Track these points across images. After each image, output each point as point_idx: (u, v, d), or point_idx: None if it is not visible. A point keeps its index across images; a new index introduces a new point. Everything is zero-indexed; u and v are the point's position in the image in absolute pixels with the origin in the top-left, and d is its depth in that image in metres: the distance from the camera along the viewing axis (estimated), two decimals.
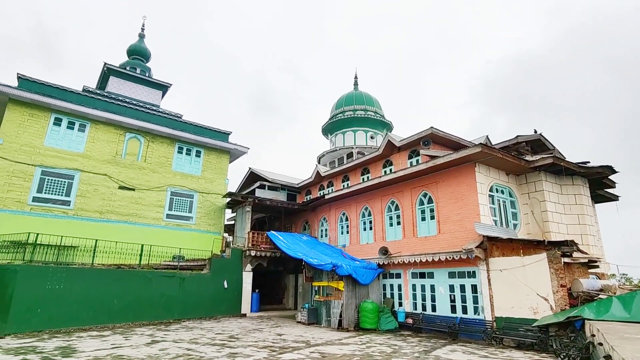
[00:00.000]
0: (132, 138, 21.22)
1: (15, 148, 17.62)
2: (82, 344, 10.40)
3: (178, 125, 22.87)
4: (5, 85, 17.57)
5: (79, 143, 19.50)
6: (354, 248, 19.17)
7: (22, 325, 11.91)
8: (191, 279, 17.12)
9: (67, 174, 18.76)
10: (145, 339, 11.43)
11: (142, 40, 31.06)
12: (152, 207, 20.85)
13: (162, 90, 28.34)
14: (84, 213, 18.76)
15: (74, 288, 13.48)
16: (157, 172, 21.52)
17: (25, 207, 17.36)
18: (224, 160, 24.31)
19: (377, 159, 20.59)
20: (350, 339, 12.62)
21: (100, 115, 19.93)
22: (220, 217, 23.16)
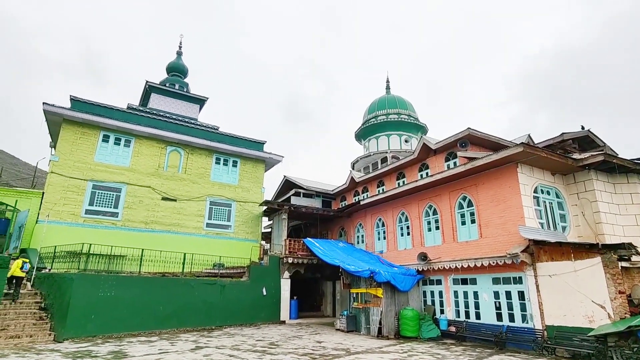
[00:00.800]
0: (173, 151, 22.19)
1: (69, 164, 18.94)
2: (132, 349, 10.89)
3: (215, 137, 23.66)
4: (60, 107, 19.00)
5: (125, 158, 20.65)
6: (392, 254, 18.85)
7: (79, 330, 12.66)
8: (231, 286, 17.52)
9: (115, 187, 19.90)
10: (190, 345, 11.79)
11: (180, 58, 32.55)
12: (192, 217, 21.62)
13: (199, 104, 29.48)
14: (130, 224, 19.78)
15: (123, 295, 14.18)
16: (196, 182, 22.33)
17: (79, 219, 18.57)
18: (259, 169, 24.82)
19: (413, 162, 20.23)
20: (391, 347, 12.37)
21: (143, 130, 21.02)
22: (257, 225, 23.61)
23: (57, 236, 17.29)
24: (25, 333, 11.80)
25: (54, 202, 18.16)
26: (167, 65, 31.76)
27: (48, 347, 10.94)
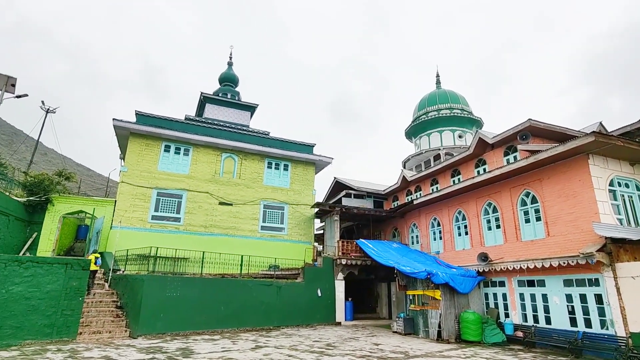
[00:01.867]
0: (228, 157, 23.18)
1: (136, 174, 20.51)
2: (197, 346, 11.50)
3: (266, 142, 24.35)
4: (127, 122, 20.67)
5: (184, 166, 21.95)
6: (449, 255, 18.11)
7: (150, 328, 13.61)
8: (287, 287, 17.86)
9: (177, 194, 21.20)
10: (250, 344, 12.19)
11: (231, 68, 33.97)
12: (248, 220, 22.41)
13: (250, 111, 30.53)
14: (191, 228, 20.95)
15: (187, 295, 15.02)
16: (250, 187, 23.12)
17: (146, 225, 20.01)
18: (310, 172, 25.13)
19: (468, 158, 19.31)
20: (452, 351, 11.86)
21: (200, 139, 22.21)
22: (309, 227, 23.89)
23: (128, 240, 18.77)
24: (105, 329, 12.93)
25: (125, 209, 19.74)
26: (220, 76, 33.29)
27: (125, 343, 11.88)
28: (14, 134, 66.29)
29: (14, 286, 11.44)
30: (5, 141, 58.90)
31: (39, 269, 11.99)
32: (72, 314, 12.19)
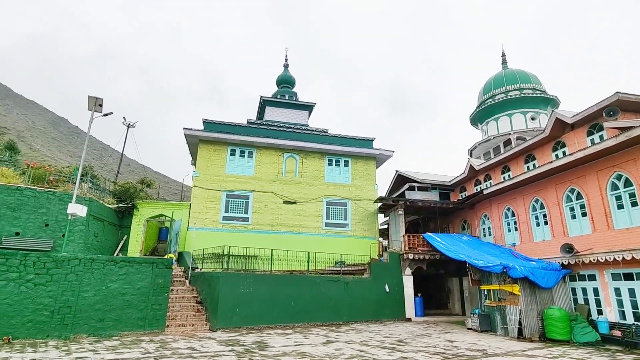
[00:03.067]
0: (289, 157, 23.77)
1: (207, 178, 21.88)
2: (271, 340, 11.97)
3: (325, 140, 24.55)
4: (196, 130, 22.13)
5: (249, 168, 22.94)
6: (526, 247, 16.80)
7: (227, 322, 14.47)
8: (354, 283, 17.87)
9: (244, 195, 22.23)
10: (321, 339, 12.39)
11: (287, 70, 34.78)
12: (312, 217, 22.79)
13: (308, 110, 31.00)
14: (259, 227, 21.84)
15: (259, 292, 15.70)
16: (312, 185, 23.49)
17: (218, 225, 21.27)
18: (371, 167, 24.85)
19: (544, 142, 17.70)
20: (537, 350, 10.98)
21: (262, 141, 23.04)
22: (373, 222, 23.65)
23: (203, 240, 20.10)
24: (188, 322, 14.00)
25: (199, 212, 21.17)
26: (277, 79, 34.26)
27: (206, 335, 12.76)
28: (102, 149, 74.37)
29: (112, 283, 12.85)
30: (96, 156, 66.38)
31: (131, 268, 13.33)
32: (160, 309, 13.38)
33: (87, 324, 12.15)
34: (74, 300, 12.17)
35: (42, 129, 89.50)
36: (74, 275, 12.39)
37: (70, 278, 12.32)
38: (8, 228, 15.93)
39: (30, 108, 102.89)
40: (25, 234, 16.25)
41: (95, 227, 18.78)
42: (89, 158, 19.85)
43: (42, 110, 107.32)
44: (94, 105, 15.19)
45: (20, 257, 11.90)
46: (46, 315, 11.69)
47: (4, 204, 16.12)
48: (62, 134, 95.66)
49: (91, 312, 12.31)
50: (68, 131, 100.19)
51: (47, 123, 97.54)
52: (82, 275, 12.51)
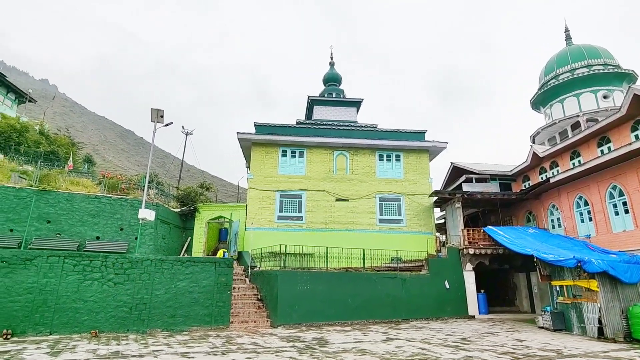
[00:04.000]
0: (339, 155, 23.79)
1: (261, 180, 22.59)
2: (330, 337, 12.07)
3: (375, 135, 24.23)
4: (249, 133, 22.93)
5: (300, 167, 23.31)
6: (604, 238, 15.32)
7: (287, 318, 14.84)
8: (411, 279, 17.47)
9: (297, 194, 22.64)
10: (380, 336, 12.27)
11: (333, 68, 34.81)
12: (365, 214, 22.63)
13: (355, 107, 30.80)
14: (313, 225, 22.11)
15: (316, 289, 15.89)
16: (364, 181, 23.31)
17: (274, 225, 21.87)
18: (424, 160, 24.11)
19: (621, 121, 16.01)
20: (622, 352, 9.96)
21: (312, 140, 23.29)
22: (429, 217, 22.94)
23: (260, 240, 20.79)
24: (251, 319, 14.56)
25: (255, 212, 21.93)
26: (323, 77, 34.43)
27: (268, 332, 13.19)
28: (164, 157, 79.71)
29: (179, 282, 13.73)
30: (159, 163, 71.34)
31: (196, 267, 14.15)
32: (224, 306, 14.06)
33: (161, 320, 13.11)
34: (148, 298, 13.18)
35: (113, 142, 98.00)
36: (147, 274, 13.42)
37: (144, 277, 13.36)
38: (90, 233, 17.65)
39: (102, 123, 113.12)
40: (104, 237, 17.90)
41: (162, 230, 20.19)
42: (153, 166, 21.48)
43: (112, 125, 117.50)
44: (156, 117, 16.32)
45: (101, 259, 13.13)
46: (126, 311, 12.80)
47: (86, 211, 17.88)
48: (129, 145, 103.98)
49: (163, 309, 13.26)
50: (134, 142, 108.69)
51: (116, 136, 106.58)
52: (154, 275, 13.51)
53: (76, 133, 60.48)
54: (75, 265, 12.73)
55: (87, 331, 12.10)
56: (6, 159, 21.05)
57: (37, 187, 17.26)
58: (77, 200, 17.79)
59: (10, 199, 16.46)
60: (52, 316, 11.98)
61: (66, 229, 17.25)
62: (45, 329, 11.80)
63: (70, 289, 12.45)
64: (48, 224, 16.95)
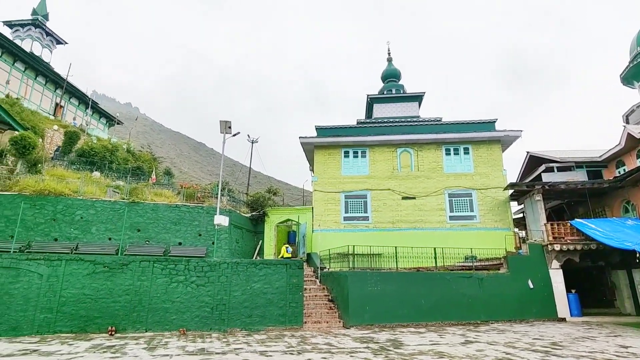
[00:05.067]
0: (403, 152, 23.21)
1: (325, 182, 22.86)
2: (405, 338, 11.77)
3: (440, 129, 23.25)
4: (311, 137, 23.37)
5: (363, 167, 23.15)
6: None
7: (359, 319, 14.78)
8: (489, 279, 16.41)
9: (361, 195, 22.51)
10: (458, 339, 11.68)
11: (391, 63, 34.13)
12: (434, 212, 21.78)
13: (417, 101, 29.84)
14: (379, 225, 21.81)
15: (387, 289, 15.63)
16: (431, 177, 22.46)
17: (340, 226, 21.98)
18: (495, 151, 22.56)
19: None
20: None
21: (374, 139, 23.02)
22: (505, 212, 21.38)
23: (327, 241, 21.00)
24: (323, 319, 14.76)
25: (321, 214, 22.24)
26: (382, 74, 33.92)
27: (340, 332, 13.26)
28: (233, 165, 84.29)
29: (254, 283, 14.39)
30: (229, 172, 75.66)
31: (268, 269, 14.73)
32: (297, 306, 14.43)
33: (239, 319, 13.84)
34: (226, 299, 14.01)
35: (187, 155, 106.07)
36: (224, 277, 14.27)
37: (222, 279, 14.23)
38: (173, 239, 19.25)
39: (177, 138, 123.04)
40: (185, 243, 19.40)
41: (236, 234, 21.34)
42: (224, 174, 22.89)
43: (186, 139, 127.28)
44: (225, 128, 17.33)
45: (184, 263, 14.24)
46: (208, 311, 13.73)
47: (169, 219, 19.54)
48: (201, 157, 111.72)
49: (241, 309, 13.99)
50: (206, 153, 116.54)
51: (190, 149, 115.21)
52: (231, 277, 14.32)
53: (156, 149, 66.52)
54: (163, 269, 13.96)
55: (176, 329, 13.19)
56: (102, 176, 23.82)
57: (128, 200, 19.26)
58: (161, 209, 19.51)
59: (107, 211, 18.58)
60: (147, 315, 13.26)
61: (153, 236, 18.99)
62: (142, 326, 13.09)
63: (160, 290, 13.68)
64: (138, 232, 18.81)
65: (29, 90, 33.83)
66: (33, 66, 34.64)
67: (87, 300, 12.99)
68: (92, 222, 18.07)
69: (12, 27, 38.85)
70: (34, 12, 40.11)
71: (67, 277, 13.09)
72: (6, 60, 32.32)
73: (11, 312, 12.29)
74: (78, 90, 40.69)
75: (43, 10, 40.58)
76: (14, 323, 12.22)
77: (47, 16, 40.78)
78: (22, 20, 38.70)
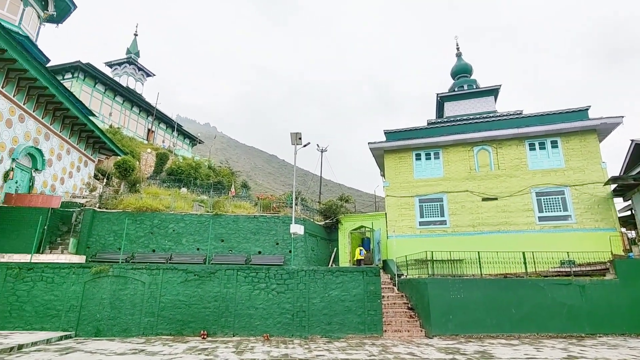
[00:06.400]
0: (480, 150, 21.80)
1: (397, 186, 22.36)
2: (495, 350, 10.90)
3: (521, 122, 21.43)
4: (380, 142, 23.10)
5: (437, 169, 22.20)
6: None
7: (442, 329, 14.06)
8: (593, 286, 14.54)
9: (437, 198, 21.58)
10: (559, 353, 10.49)
11: (461, 58, 32.49)
12: (519, 213, 20.04)
13: (492, 95, 27.96)
14: (459, 229, 20.66)
15: (471, 297, 14.64)
16: (513, 176, 20.75)
17: (416, 231, 21.26)
18: (590, 142, 20.11)
19: None
20: None
21: (447, 139, 21.98)
22: (608, 210, 18.87)
23: (403, 247, 20.44)
24: (404, 328, 14.32)
25: (395, 220, 21.75)
26: (451, 71, 32.45)
27: (423, 342, 12.74)
28: (304, 175, 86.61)
29: (332, 291, 14.50)
30: (300, 181, 77.86)
31: (345, 277, 14.74)
32: (375, 314, 14.20)
33: (319, 327, 14.02)
34: (306, 306, 14.30)
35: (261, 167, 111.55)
36: (303, 284, 14.61)
37: (300, 287, 14.58)
38: (253, 248, 20.27)
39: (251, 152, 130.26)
40: (264, 252, 20.30)
41: (311, 242, 21.78)
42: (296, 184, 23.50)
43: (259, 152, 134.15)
44: (295, 139, 17.90)
45: (264, 271, 14.89)
46: (289, 317, 14.14)
47: (248, 230, 20.66)
48: (274, 168, 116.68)
49: (320, 316, 14.16)
50: (278, 165, 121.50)
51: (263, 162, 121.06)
52: (309, 285, 14.61)
53: (233, 163, 71.03)
54: (246, 277, 14.74)
55: (260, 334, 13.79)
56: (188, 192, 26.07)
57: (212, 213, 20.77)
58: (241, 220, 20.70)
59: (195, 224, 20.23)
60: (234, 320, 14.08)
61: (235, 245, 20.19)
62: (230, 331, 13.93)
63: (244, 297, 14.45)
64: (222, 242, 20.15)
65: (126, 119, 38.55)
66: (129, 98, 39.44)
67: (182, 306, 14.20)
68: (182, 234, 19.79)
69: (112, 66, 44.83)
70: (128, 51, 45.82)
71: (164, 284, 14.47)
72: (109, 96, 37.21)
73: (122, 316, 13.92)
74: (165, 115, 45.30)
75: (135, 49, 46.17)
76: (124, 325, 13.81)
77: (138, 53, 46.28)
78: (119, 60, 44.51)
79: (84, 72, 33.80)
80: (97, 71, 35.13)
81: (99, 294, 14.04)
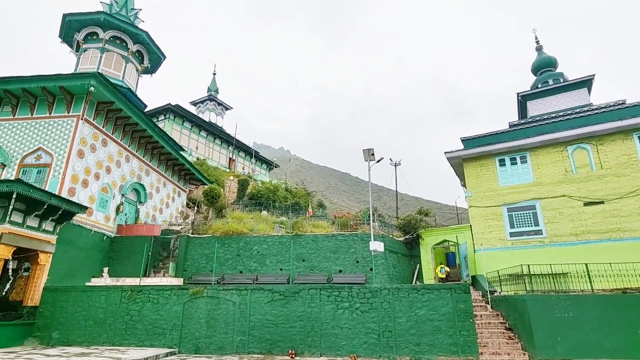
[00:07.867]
0: (576, 149, 19.49)
1: (481, 196, 20.89)
2: None
3: (626, 113, 18.78)
4: (458, 150, 21.93)
5: (526, 174, 20.30)
6: None
7: (549, 352, 12.46)
8: None
9: (528, 205, 19.65)
10: None
11: (542, 52, 29.89)
12: (634, 217, 17.33)
13: (585, 87, 25.09)
14: (557, 239, 18.50)
15: (583, 316, 12.80)
16: (621, 175, 18.11)
17: (507, 243, 19.51)
18: None
19: None
20: None
21: (534, 141, 20.07)
22: None
23: (493, 261, 18.80)
24: (502, 351, 13.03)
25: (481, 232, 20.23)
26: (532, 66, 29.95)
27: None
28: (379, 190, 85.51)
29: (418, 310, 13.82)
30: (375, 197, 76.92)
31: (431, 294, 13.98)
32: (469, 335, 13.14)
33: (407, 347, 13.39)
34: (392, 325, 13.80)
35: (335, 186, 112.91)
36: (387, 303, 14.16)
37: (384, 305, 14.14)
38: (334, 267, 20.34)
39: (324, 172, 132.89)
40: (344, 270, 20.24)
41: (392, 259, 21.19)
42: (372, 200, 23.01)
43: (332, 171, 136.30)
44: (368, 156, 17.84)
45: (347, 290, 14.78)
46: (374, 338, 13.75)
47: (328, 249, 20.84)
48: (348, 186, 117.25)
49: (408, 337, 13.53)
50: (352, 182, 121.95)
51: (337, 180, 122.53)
52: (393, 303, 14.11)
53: (308, 184, 72.97)
54: (329, 296, 14.76)
55: (347, 354, 13.59)
56: (268, 214, 27.29)
57: (292, 233, 21.42)
58: (320, 240, 20.99)
59: (277, 245, 21.01)
60: (320, 340, 14.11)
61: (316, 265, 20.46)
62: (316, 350, 13.96)
63: (328, 316, 14.44)
64: (303, 262, 20.58)
65: (210, 150, 42.20)
66: (212, 132, 43.27)
67: (270, 325, 14.66)
68: (266, 255, 20.65)
69: (196, 104, 49.89)
70: (208, 89, 50.65)
71: (252, 304, 15.12)
72: (195, 131, 41.20)
73: (217, 334, 14.80)
74: (243, 144, 48.68)
75: (214, 87, 50.89)
76: (219, 343, 14.65)
77: (217, 90, 50.86)
78: (201, 98, 49.40)
79: (174, 112, 38.03)
80: (184, 111, 39.37)
81: (196, 314, 15.14)
